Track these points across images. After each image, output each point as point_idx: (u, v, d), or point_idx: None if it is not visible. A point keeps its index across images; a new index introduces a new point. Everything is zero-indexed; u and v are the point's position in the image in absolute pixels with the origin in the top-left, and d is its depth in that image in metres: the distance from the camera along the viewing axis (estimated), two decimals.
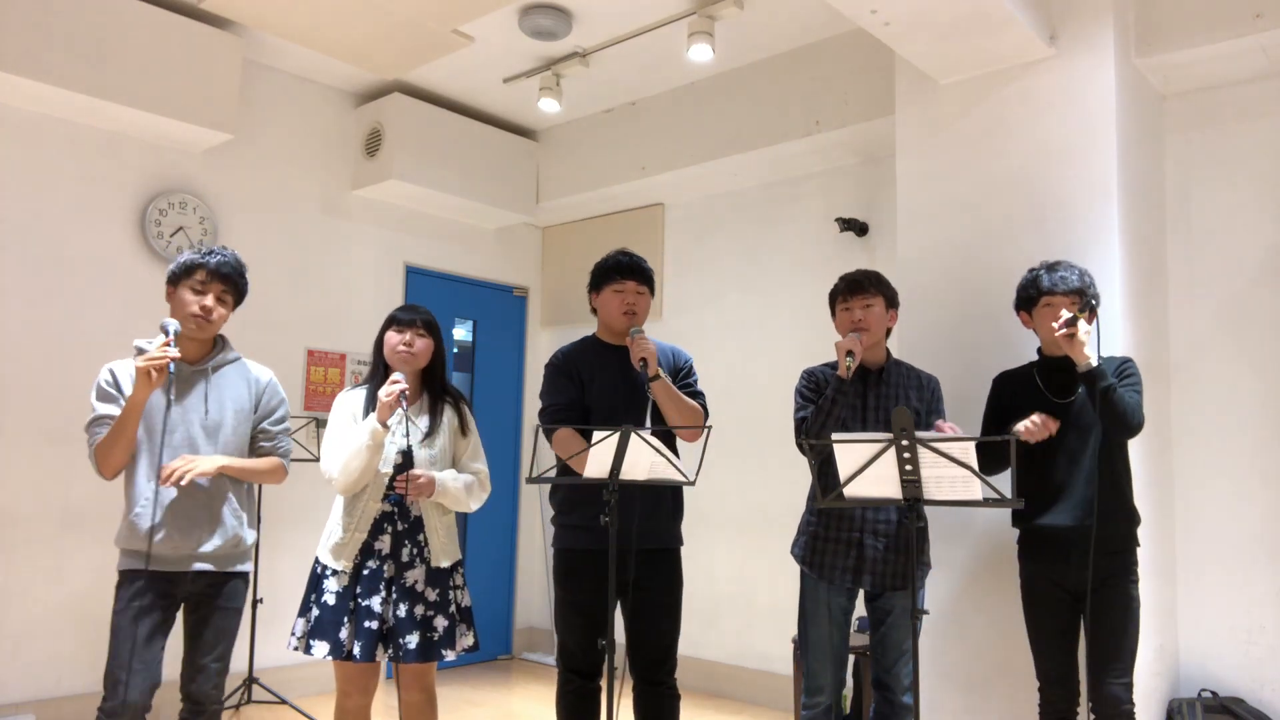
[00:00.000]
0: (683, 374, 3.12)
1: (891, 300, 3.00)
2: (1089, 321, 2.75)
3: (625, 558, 2.88)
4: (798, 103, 4.55)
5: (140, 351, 2.70)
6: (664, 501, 3.00)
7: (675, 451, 2.94)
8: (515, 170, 5.58)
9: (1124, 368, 2.85)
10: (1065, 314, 2.69)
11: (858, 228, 4.64)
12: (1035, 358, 3.00)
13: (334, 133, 5.13)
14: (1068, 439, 2.82)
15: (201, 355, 2.77)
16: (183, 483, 2.55)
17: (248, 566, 2.80)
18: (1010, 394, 2.97)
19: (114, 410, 2.62)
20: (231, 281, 2.75)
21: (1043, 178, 3.41)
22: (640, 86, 5.09)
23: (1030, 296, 2.89)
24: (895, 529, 2.86)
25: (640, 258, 3.12)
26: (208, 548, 2.66)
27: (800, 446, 2.93)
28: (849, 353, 2.79)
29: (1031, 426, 2.75)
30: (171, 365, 2.52)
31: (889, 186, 4.40)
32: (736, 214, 5.22)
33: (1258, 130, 3.60)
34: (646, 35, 4.47)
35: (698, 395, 3.10)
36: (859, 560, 2.85)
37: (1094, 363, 2.70)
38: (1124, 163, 3.33)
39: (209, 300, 2.69)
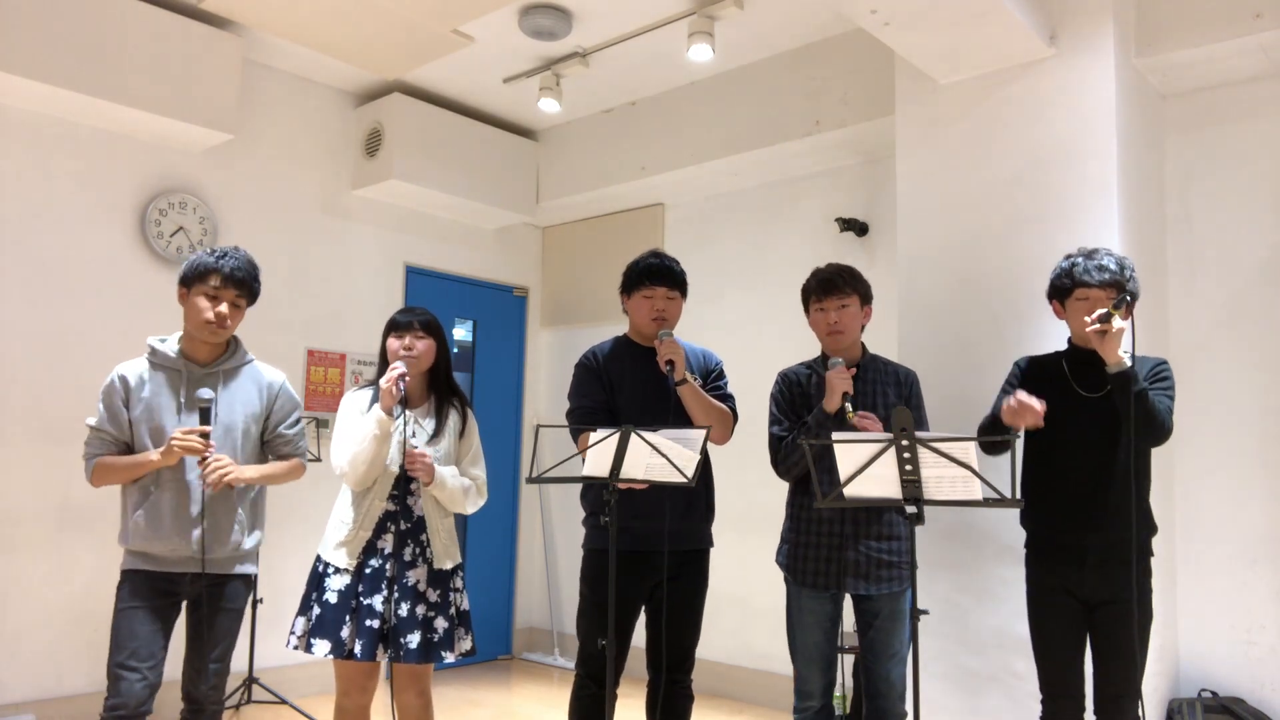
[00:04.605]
0: (713, 376, 3.12)
1: (866, 297, 2.95)
2: (1124, 317, 2.51)
3: (657, 558, 2.88)
4: (798, 103, 4.54)
5: (153, 350, 2.70)
6: (698, 503, 2.99)
7: (706, 454, 2.91)
8: (515, 170, 5.58)
9: (1158, 370, 2.66)
10: (1099, 310, 2.51)
11: (858, 228, 4.64)
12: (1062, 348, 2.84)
13: (334, 133, 5.13)
14: (1091, 437, 2.64)
15: (214, 358, 2.76)
16: (218, 486, 2.56)
17: (249, 568, 2.80)
18: (1036, 381, 2.75)
19: (113, 431, 2.64)
20: (246, 286, 2.72)
21: (1043, 178, 3.41)
22: (640, 86, 5.09)
23: (1064, 287, 2.68)
24: (869, 530, 2.82)
25: (672, 260, 3.08)
26: (212, 551, 2.66)
27: (774, 461, 2.93)
28: (845, 395, 2.73)
29: (1014, 405, 2.55)
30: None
31: (889, 186, 4.40)
32: (736, 214, 5.22)
33: (1258, 130, 3.60)
34: (646, 35, 4.46)
35: (727, 398, 3.09)
36: (840, 565, 2.81)
37: (1127, 363, 2.51)
38: (1124, 163, 3.33)
39: (223, 308, 2.67)
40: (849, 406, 2.73)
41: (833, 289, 2.90)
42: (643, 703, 3.04)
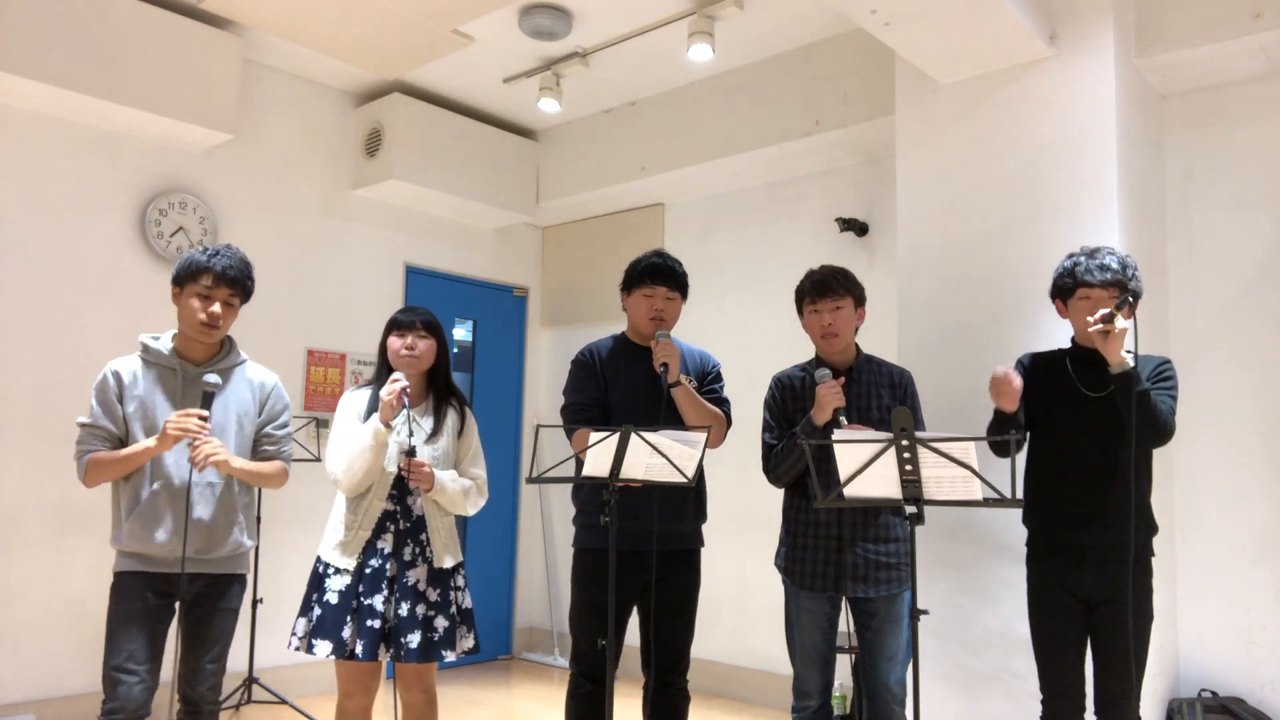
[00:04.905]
0: (709, 379, 3.12)
1: (860, 298, 2.93)
2: (1127, 316, 2.49)
3: (646, 558, 2.88)
4: (798, 103, 4.54)
5: (146, 348, 2.69)
6: (688, 503, 2.99)
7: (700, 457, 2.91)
8: (515, 170, 5.58)
9: (1161, 370, 2.65)
10: (1102, 310, 2.48)
11: (858, 228, 4.64)
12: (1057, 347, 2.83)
13: (334, 133, 5.13)
14: (1094, 436, 2.63)
15: (208, 357, 2.75)
16: (207, 466, 2.53)
17: (245, 569, 2.79)
18: (1040, 379, 2.74)
19: (108, 425, 2.61)
20: (239, 285, 2.70)
21: (1043, 178, 3.41)
22: (640, 86, 5.09)
23: (1066, 286, 2.67)
24: (865, 532, 2.82)
25: (674, 260, 3.07)
26: (207, 552, 2.65)
27: (766, 468, 2.94)
28: (837, 408, 2.71)
29: (997, 375, 2.60)
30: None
31: (889, 186, 4.40)
32: (736, 214, 5.22)
33: (1258, 130, 3.60)
34: (646, 35, 4.46)
35: (722, 402, 3.09)
36: (838, 567, 2.81)
37: (1130, 363, 2.49)
38: (1124, 163, 3.32)
39: (215, 308, 2.65)
40: (843, 420, 2.70)
41: (827, 291, 2.88)
42: (637, 701, 3.04)
